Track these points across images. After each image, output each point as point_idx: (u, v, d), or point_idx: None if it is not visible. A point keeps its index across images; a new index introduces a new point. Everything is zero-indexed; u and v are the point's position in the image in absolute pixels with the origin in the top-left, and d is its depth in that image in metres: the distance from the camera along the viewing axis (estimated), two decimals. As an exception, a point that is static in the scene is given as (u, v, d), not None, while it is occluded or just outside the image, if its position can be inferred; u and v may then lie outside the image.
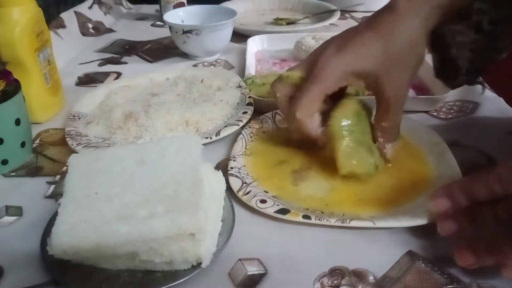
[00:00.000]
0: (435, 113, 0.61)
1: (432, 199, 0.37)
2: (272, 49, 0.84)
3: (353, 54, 0.44)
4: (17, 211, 0.45)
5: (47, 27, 0.60)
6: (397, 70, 0.44)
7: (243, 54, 0.78)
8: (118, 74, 0.76)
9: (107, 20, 1.03)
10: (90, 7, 1.00)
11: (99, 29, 0.98)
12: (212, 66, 0.79)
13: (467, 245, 0.35)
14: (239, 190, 0.44)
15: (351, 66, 0.44)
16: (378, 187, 0.45)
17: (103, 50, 0.88)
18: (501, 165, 0.34)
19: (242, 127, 0.54)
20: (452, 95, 0.61)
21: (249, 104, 0.58)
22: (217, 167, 0.50)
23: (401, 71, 0.44)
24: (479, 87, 0.67)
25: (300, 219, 0.40)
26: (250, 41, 0.82)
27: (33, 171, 0.51)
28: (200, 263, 0.35)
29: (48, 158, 0.53)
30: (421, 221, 0.39)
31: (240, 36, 0.88)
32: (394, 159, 0.48)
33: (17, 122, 0.49)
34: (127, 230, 0.33)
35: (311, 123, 0.46)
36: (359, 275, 0.36)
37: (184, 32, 0.76)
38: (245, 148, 0.52)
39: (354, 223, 0.40)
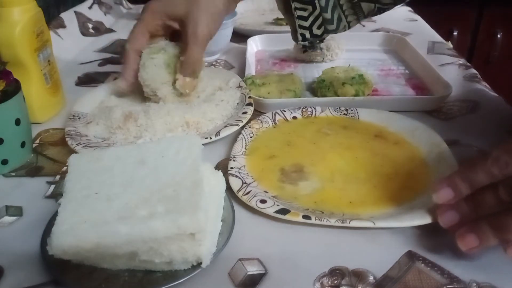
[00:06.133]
0: (435, 113, 0.61)
1: (435, 191, 0.38)
2: (272, 49, 0.84)
3: (169, 1, 0.58)
4: (17, 211, 0.45)
5: (47, 27, 0.60)
6: (198, 14, 0.56)
7: (243, 54, 0.78)
8: (118, 74, 0.76)
9: (107, 20, 1.03)
10: (90, 7, 1.00)
11: (99, 29, 0.98)
12: (212, 66, 0.79)
13: (468, 228, 0.35)
14: (239, 190, 0.44)
15: (165, 8, 0.58)
16: (377, 188, 0.45)
17: (103, 50, 0.88)
18: (497, 148, 0.35)
19: (242, 127, 0.54)
20: (452, 94, 0.61)
21: (249, 104, 0.58)
22: (217, 167, 0.50)
23: (201, 15, 0.56)
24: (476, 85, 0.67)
25: (300, 219, 0.40)
26: (250, 41, 0.82)
27: (33, 171, 0.51)
28: (200, 263, 0.35)
29: (48, 158, 0.53)
30: (421, 221, 0.39)
31: (240, 36, 0.88)
32: (391, 157, 0.49)
33: (17, 122, 0.49)
34: (127, 230, 0.33)
35: (133, 57, 0.59)
36: (359, 275, 0.36)
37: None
38: (245, 148, 0.52)
39: (354, 223, 0.40)
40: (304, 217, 0.40)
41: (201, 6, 0.55)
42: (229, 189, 0.44)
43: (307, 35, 0.57)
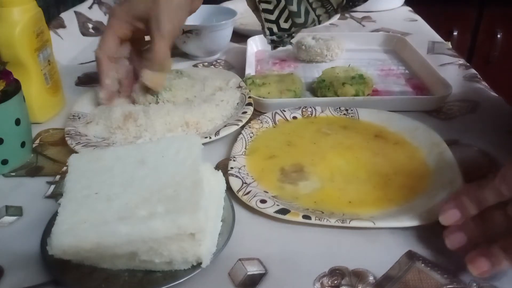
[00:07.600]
0: (435, 113, 0.61)
1: (441, 213, 0.37)
2: (272, 49, 0.84)
3: (131, 2, 0.58)
4: (17, 211, 0.45)
5: (47, 27, 0.60)
6: (158, 10, 0.55)
7: (243, 54, 0.78)
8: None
9: (107, 20, 1.02)
10: (90, 7, 1.00)
11: (99, 29, 0.98)
12: (212, 66, 0.79)
13: (479, 252, 0.34)
14: (239, 190, 0.44)
15: (128, 11, 0.58)
16: (377, 188, 0.45)
17: (103, 50, 0.88)
18: (505, 166, 0.34)
19: (242, 127, 0.54)
20: (452, 94, 0.61)
21: (249, 104, 0.58)
22: (217, 167, 0.50)
23: (161, 11, 0.55)
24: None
25: (300, 219, 0.40)
26: (250, 41, 0.82)
27: (33, 171, 0.51)
28: (200, 263, 0.35)
29: (48, 158, 0.53)
30: (421, 221, 0.39)
31: (240, 36, 0.88)
32: (397, 160, 0.49)
33: (17, 122, 0.49)
34: (127, 230, 0.33)
35: (106, 63, 0.58)
36: (359, 275, 0.36)
37: (184, 32, 0.76)
38: (245, 148, 0.52)
39: (354, 223, 0.40)
40: (304, 217, 0.40)
41: (161, 2, 0.55)
42: (229, 189, 0.44)
43: (275, 29, 0.55)
